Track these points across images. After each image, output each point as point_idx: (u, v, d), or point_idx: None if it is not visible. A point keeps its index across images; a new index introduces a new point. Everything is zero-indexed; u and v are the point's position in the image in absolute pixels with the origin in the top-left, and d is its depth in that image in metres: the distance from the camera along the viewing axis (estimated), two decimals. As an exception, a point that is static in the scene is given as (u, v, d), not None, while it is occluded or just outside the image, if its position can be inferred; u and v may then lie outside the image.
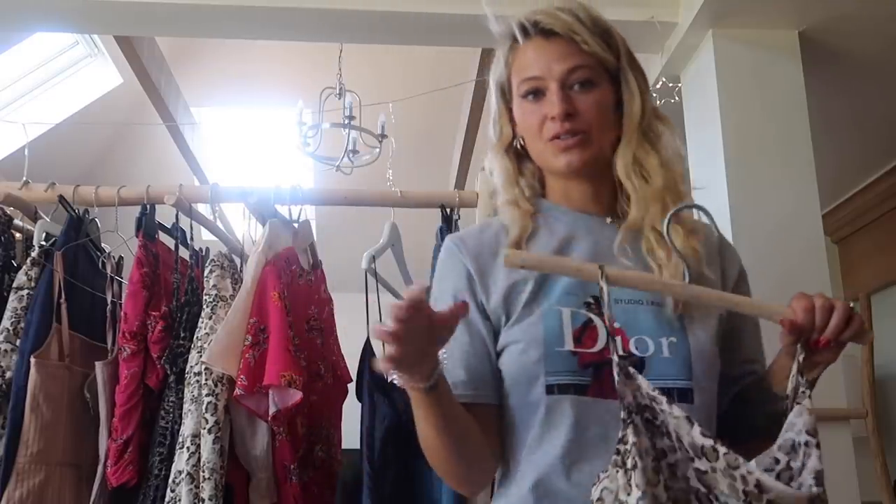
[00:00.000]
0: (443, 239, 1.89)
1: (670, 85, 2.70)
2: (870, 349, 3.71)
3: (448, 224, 1.93)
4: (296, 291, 1.77)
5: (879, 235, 3.80)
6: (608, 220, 1.13)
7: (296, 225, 1.90)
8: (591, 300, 1.06)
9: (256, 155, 5.41)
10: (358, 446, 1.74)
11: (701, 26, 2.43)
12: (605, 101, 1.10)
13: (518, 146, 1.17)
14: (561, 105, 1.07)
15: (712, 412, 1.05)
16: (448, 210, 1.94)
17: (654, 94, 2.69)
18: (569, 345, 1.03)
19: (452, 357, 1.10)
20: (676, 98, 2.69)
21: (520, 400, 1.06)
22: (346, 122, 3.78)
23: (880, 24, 2.48)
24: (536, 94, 1.10)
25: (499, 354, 1.09)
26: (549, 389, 1.03)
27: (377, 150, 3.94)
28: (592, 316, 1.05)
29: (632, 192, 1.10)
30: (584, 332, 1.04)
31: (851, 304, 1.02)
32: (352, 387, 1.93)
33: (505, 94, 1.16)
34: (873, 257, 3.84)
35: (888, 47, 2.60)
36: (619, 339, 1.02)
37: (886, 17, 2.44)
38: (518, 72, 1.13)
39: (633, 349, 1.03)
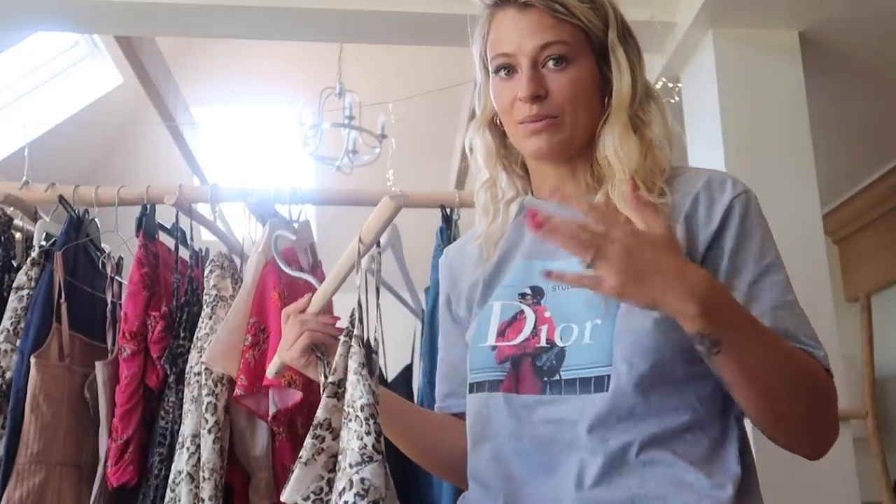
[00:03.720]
0: (443, 239, 1.89)
1: (670, 85, 2.70)
2: (869, 349, 3.71)
3: (448, 224, 1.93)
4: (296, 292, 1.77)
5: (879, 235, 3.80)
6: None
7: (296, 225, 1.90)
8: (527, 290, 1.01)
9: (256, 155, 5.42)
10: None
11: (701, 26, 2.43)
12: (583, 79, 1.00)
13: (499, 121, 1.09)
14: (529, 87, 0.98)
15: (642, 400, 0.91)
16: (448, 210, 1.94)
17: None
18: (490, 339, 1.00)
19: (444, 364, 1.18)
20: (676, 98, 2.69)
21: None
22: (346, 122, 3.79)
23: (881, 24, 2.48)
24: (509, 70, 1.02)
25: None
26: (471, 388, 1.03)
27: (377, 150, 3.95)
28: (524, 307, 1.00)
29: (608, 176, 1.01)
30: (511, 325, 1.00)
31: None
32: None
33: (486, 66, 1.08)
34: (873, 257, 3.84)
35: (888, 47, 2.60)
36: (545, 327, 0.97)
37: (887, 17, 2.44)
38: (492, 46, 1.04)
39: (557, 339, 0.95)
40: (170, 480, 1.58)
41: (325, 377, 1.04)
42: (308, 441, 0.93)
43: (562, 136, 1.01)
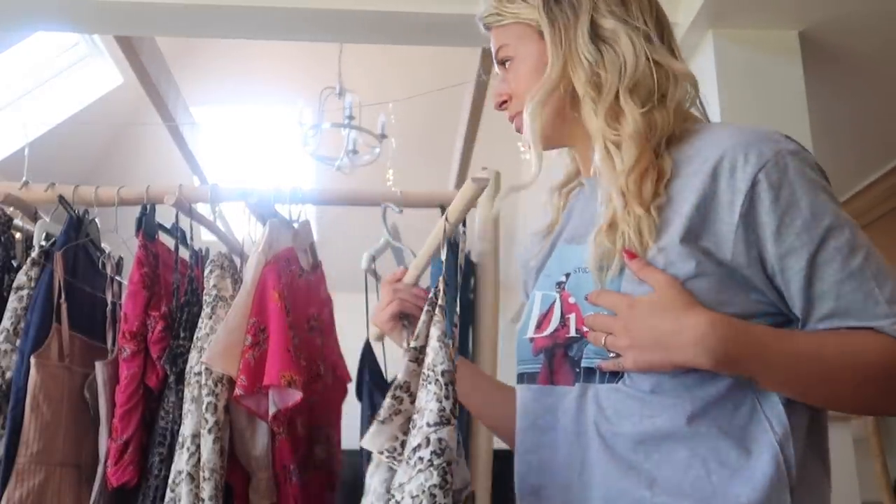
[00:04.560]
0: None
1: (670, 85, 2.69)
2: (870, 349, 3.71)
3: (448, 224, 1.93)
4: (296, 292, 1.77)
5: (879, 235, 3.79)
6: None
7: (296, 225, 1.90)
8: (562, 278, 1.01)
9: (256, 155, 5.42)
10: (357, 447, 1.74)
11: (701, 26, 2.43)
12: (526, 66, 1.05)
13: None
14: (494, 98, 1.10)
15: (657, 389, 0.90)
16: (448, 210, 1.94)
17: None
18: (530, 332, 1.02)
19: None
20: (676, 98, 2.69)
21: None
22: (346, 122, 3.79)
23: (881, 24, 2.48)
24: None
25: None
26: (517, 378, 1.06)
27: (377, 149, 3.95)
28: (555, 295, 1.01)
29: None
30: (546, 315, 1.01)
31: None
32: (351, 387, 1.93)
33: None
34: (873, 257, 3.84)
35: (888, 47, 2.60)
36: (573, 316, 0.97)
37: (887, 17, 2.44)
38: None
39: (584, 327, 0.95)
40: (170, 481, 1.58)
41: (408, 345, 1.06)
42: (386, 401, 0.97)
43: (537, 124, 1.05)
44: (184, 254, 1.83)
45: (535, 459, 0.99)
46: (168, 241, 1.86)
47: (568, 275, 1.00)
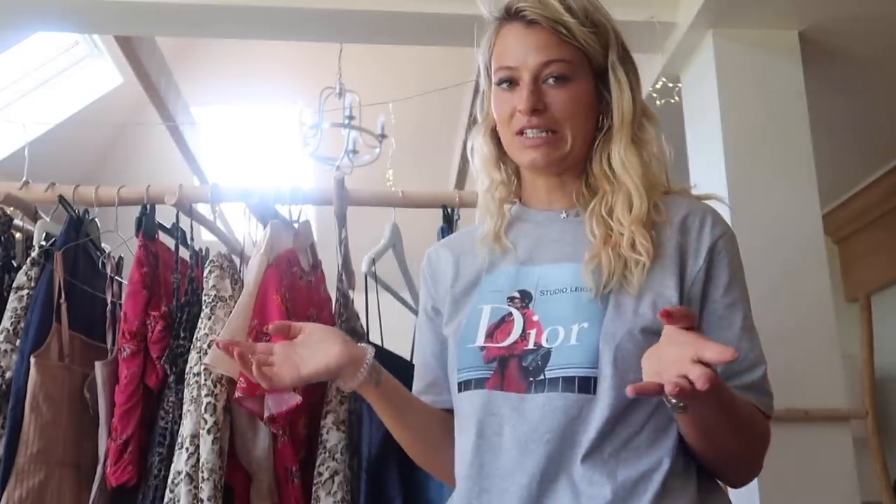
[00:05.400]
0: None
1: (670, 85, 2.70)
2: (869, 349, 3.72)
3: (449, 224, 1.93)
4: (297, 293, 1.77)
5: (880, 235, 3.80)
6: (563, 215, 1.11)
7: (296, 225, 1.90)
8: (516, 295, 1.06)
9: (257, 154, 5.41)
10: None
11: (701, 26, 2.43)
12: (581, 97, 1.06)
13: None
14: (529, 100, 1.04)
15: (625, 406, 0.96)
16: (449, 210, 1.94)
17: (654, 94, 2.69)
18: (479, 340, 1.04)
19: (418, 362, 1.20)
20: (676, 98, 2.69)
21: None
22: (346, 122, 3.78)
23: (880, 24, 2.48)
24: (510, 83, 1.07)
25: None
26: (459, 387, 1.06)
27: (377, 150, 3.95)
28: (512, 310, 1.05)
29: (609, 186, 1.06)
30: (499, 327, 1.04)
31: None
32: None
33: (489, 74, 1.12)
34: (873, 257, 3.84)
35: (888, 47, 2.60)
36: (534, 331, 1.01)
37: (887, 18, 2.44)
38: (496, 57, 1.09)
39: (544, 341, 1.00)
40: (169, 481, 1.58)
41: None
42: None
43: (560, 153, 1.07)
44: (184, 254, 1.83)
45: (483, 461, 1.02)
46: (168, 241, 1.86)
47: (523, 292, 1.05)
